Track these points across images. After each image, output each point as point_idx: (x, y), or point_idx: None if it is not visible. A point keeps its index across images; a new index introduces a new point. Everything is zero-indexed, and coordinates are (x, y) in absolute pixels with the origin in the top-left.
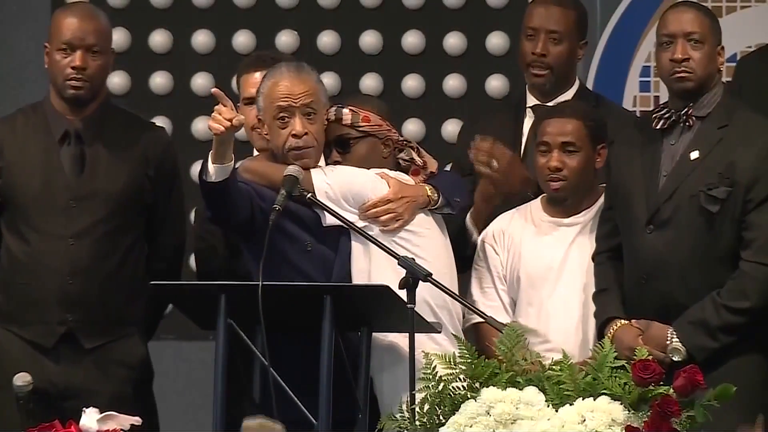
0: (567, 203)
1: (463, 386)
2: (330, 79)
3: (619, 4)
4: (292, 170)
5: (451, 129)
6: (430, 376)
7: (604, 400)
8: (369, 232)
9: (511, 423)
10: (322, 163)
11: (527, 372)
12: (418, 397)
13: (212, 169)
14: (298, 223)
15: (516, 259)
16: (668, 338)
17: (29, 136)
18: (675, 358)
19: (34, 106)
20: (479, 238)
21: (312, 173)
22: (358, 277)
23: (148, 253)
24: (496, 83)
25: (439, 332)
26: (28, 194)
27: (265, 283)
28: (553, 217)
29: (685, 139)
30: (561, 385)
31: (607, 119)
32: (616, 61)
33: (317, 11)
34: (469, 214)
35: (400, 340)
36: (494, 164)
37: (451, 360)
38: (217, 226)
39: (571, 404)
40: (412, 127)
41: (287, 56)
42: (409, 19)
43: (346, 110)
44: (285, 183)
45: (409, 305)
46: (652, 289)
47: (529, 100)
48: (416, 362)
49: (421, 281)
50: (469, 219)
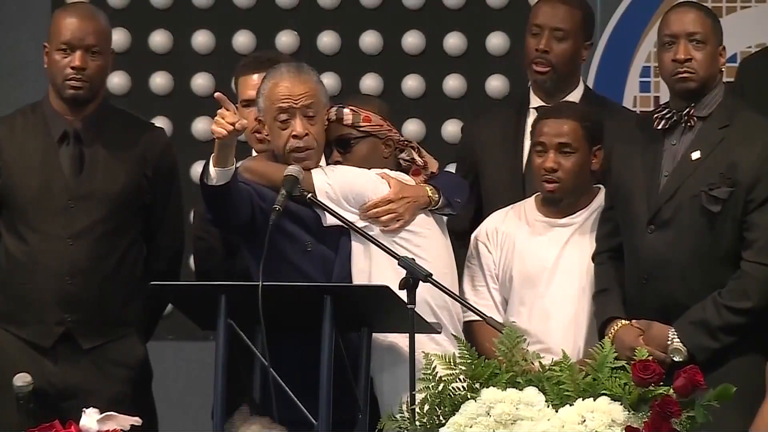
0: (562, 204)
1: (463, 387)
2: (330, 80)
3: (619, 4)
4: (293, 170)
5: (452, 129)
6: (430, 377)
7: (604, 400)
8: (369, 233)
9: (511, 423)
10: (323, 163)
11: (527, 372)
12: (418, 397)
13: (214, 172)
14: (299, 224)
15: (509, 258)
16: (669, 338)
17: (28, 137)
18: (676, 359)
19: (33, 107)
20: (472, 235)
21: (312, 173)
22: (359, 278)
23: (147, 253)
24: (496, 83)
25: (440, 333)
26: (26, 194)
27: (265, 283)
28: (548, 218)
29: (687, 140)
30: (561, 386)
31: (611, 122)
32: (616, 61)
33: (317, 11)
34: None
35: (401, 340)
36: None
37: (451, 360)
38: (218, 228)
39: (571, 404)
40: (413, 128)
41: (285, 57)
42: (409, 19)
43: (346, 110)
44: (285, 183)
45: (410, 306)
46: (652, 290)
47: (533, 101)
48: (416, 362)
49: (421, 281)
50: None
